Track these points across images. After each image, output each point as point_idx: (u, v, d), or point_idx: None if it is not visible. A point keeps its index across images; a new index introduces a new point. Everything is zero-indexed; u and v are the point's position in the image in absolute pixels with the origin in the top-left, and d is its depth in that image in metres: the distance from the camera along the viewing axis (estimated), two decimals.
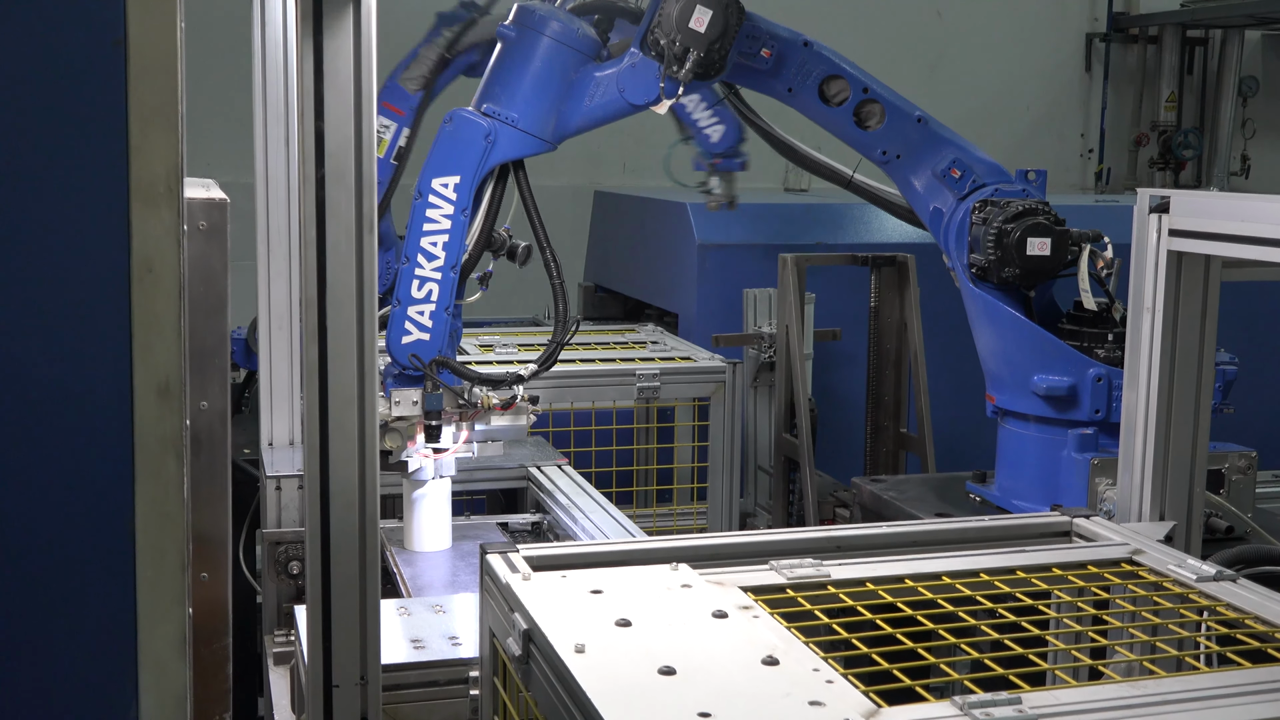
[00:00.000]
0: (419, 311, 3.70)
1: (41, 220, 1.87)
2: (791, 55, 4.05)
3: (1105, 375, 3.83)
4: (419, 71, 5.93)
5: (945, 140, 4.12)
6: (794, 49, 4.05)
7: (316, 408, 2.36)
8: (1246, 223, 2.57)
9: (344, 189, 2.31)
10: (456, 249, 3.73)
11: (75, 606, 1.96)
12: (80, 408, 1.93)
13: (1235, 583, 2.40)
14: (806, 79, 4.07)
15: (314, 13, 2.26)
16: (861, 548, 2.56)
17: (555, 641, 1.98)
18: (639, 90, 3.87)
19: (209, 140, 7.64)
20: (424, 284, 3.70)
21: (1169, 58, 11.47)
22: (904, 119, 4.11)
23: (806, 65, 4.06)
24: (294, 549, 3.79)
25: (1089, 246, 3.91)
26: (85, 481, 1.95)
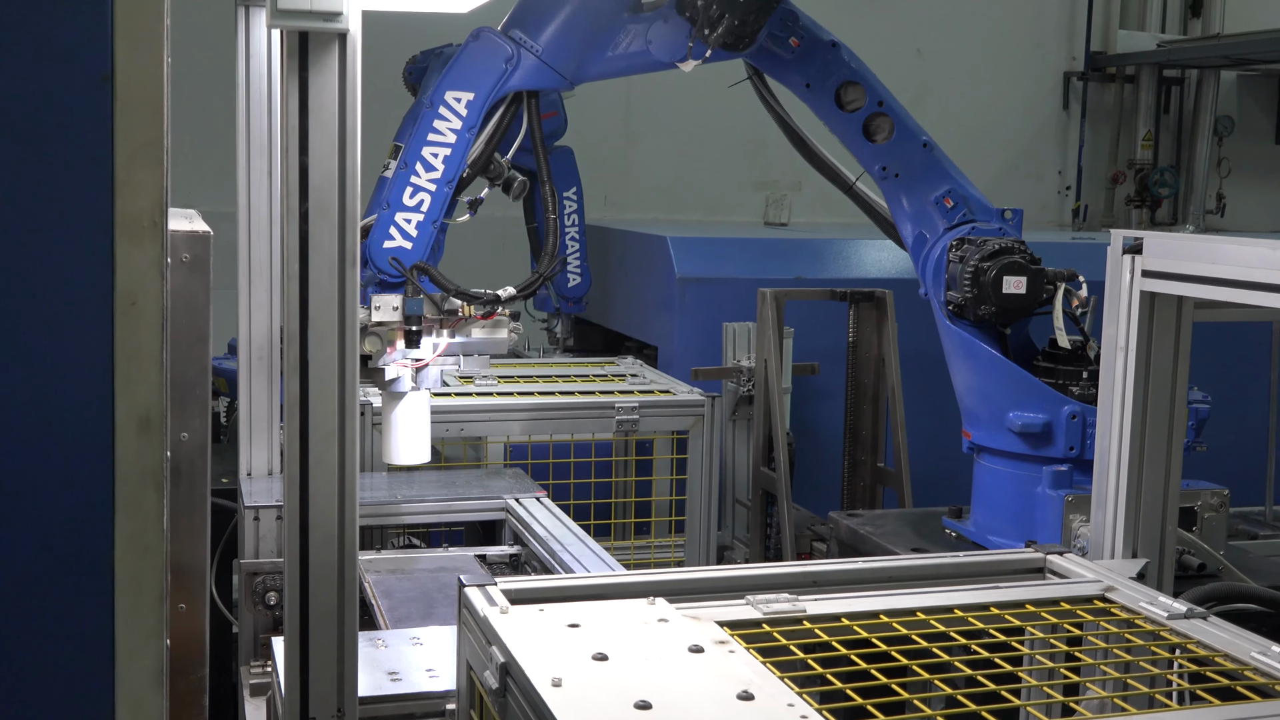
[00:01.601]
0: (406, 219, 3.68)
1: (27, 253, 1.89)
2: (818, 52, 4.06)
3: (1080, 413, 3.86)
4: None
5: (945, 171, 4.16)
6: (821, 47, 4.06)
7: (297, 440, 2.37)
8: (1218, 265, 2.61)
9: (327, 224, 2.33)
10: (456, 165, 3.71)
11: (53, 637, 1.96)
12: (61, 440, 1.94)
13: (1206, 620, 2.43)
14: (827, 79, 4.09)
15: (300, 49, 2.29)
16: (837, 583, 2.58)
17: (532, 675, 1.99)
18: (666, 47, 3.87)
19: (190, 169, 7.66)
20: (417, 193, 3.69)
21: (1145, 97, 11.57)
22: (911, 140, 4.15)
23: (830, 66, 4.08)
24: (271, 579, 3.78)
25: (1064, 285, 3.95)
26: (65, 513, 1.95)
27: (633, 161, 10.02)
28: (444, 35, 6.54)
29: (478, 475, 4.57)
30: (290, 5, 2.20)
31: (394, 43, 6.67)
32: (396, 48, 6.71)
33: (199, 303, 2.66)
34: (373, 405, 4.53)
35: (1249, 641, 2.32)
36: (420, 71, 6.30)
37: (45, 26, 1.86)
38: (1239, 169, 11.94)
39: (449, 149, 3.72)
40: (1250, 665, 2.23)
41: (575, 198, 6.70)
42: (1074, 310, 3.94)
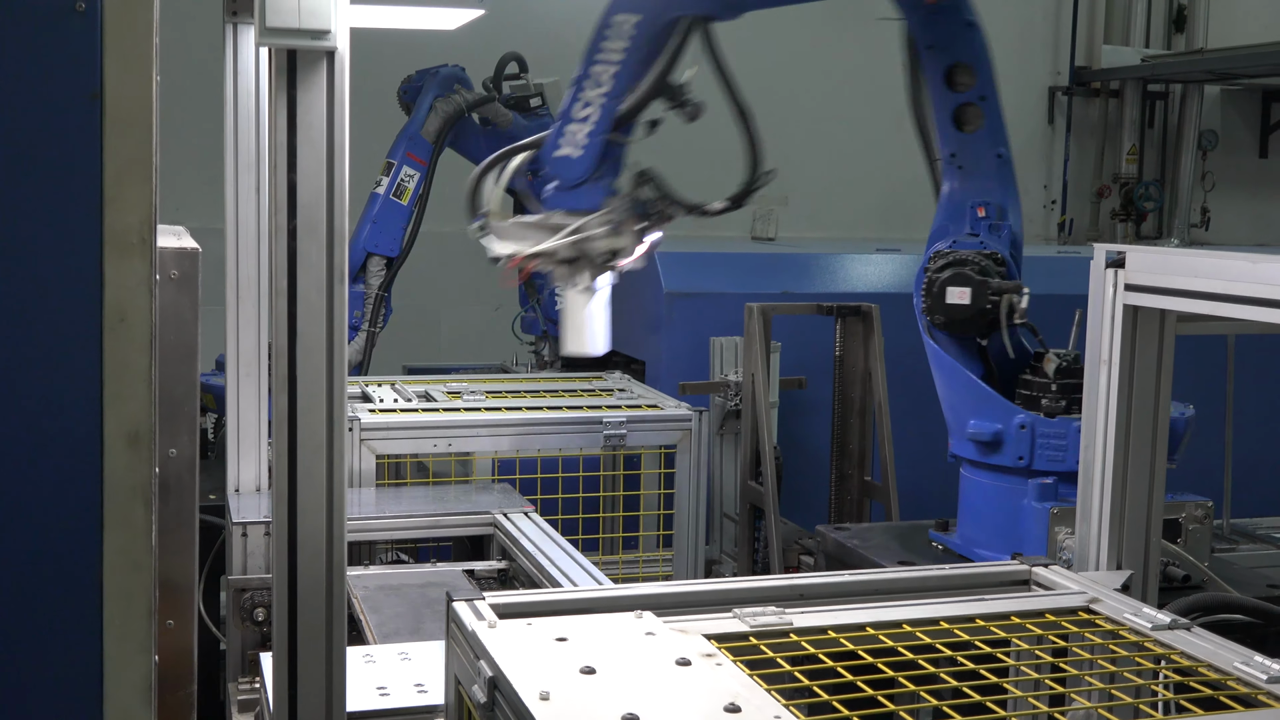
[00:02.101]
0: (574, 130, 3.79)
1: (16, 269, 1.90)
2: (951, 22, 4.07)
3: (1029, 423, 3.90)
4: (435, 126, 6.22)
5: (1003, 186, 4.15)
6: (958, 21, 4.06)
7: (285, 456, 2.38)
8: (1200, 278, 2.63)
9: (315, 240, 2.34)
10: (623, 84, 3.74)
11: (42, 652, 1.97)
12: (51, 455, 1.95)
13: (1190, 631, 2.44)
14: (948, 49, 4.09)
15: (288, 67, 2.30)
16: (824, 596, 2.59)
17: (520, 689, 2.00)
18: None
19: (179, 186, 7.66)
20: (586, 105, 3.77)
21: (1130, 111, 11.64)
22: (991, 143, 4.13)
23: (957, 40, 4.08)
24: (259, 595, 3.78)
25: (1007, 297, 3.97)
26: (55, 528, 1.96)
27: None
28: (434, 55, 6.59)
29: (465, 490, 4.57)
30: (278, 24, 2.21)
31: (382, 60, 6.71)
32: (384, 65, 6.75)
33: (187, 319, 2.67)
34: (360, 421, 4.54)
35: (1232, 652, 2.33)
36: (415, 91, 6.36)
37: (35, 44, 1.88)
38: (1223, 182, 12.01)
39: (616, 67, 3.75)
40: (1234, 675, 2.24)
41: None
42: (1014, 322, 3.98)
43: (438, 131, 6.25)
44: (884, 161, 10.49)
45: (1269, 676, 2.20)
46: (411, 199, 6.19)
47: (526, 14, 8.77)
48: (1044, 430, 3.88)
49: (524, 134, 6.47)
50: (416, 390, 5.29)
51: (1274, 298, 2.47)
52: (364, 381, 5.43)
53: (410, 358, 7.61)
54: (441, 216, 9.69)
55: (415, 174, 6.19)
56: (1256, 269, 2.51)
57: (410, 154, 6.18)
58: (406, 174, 6.17)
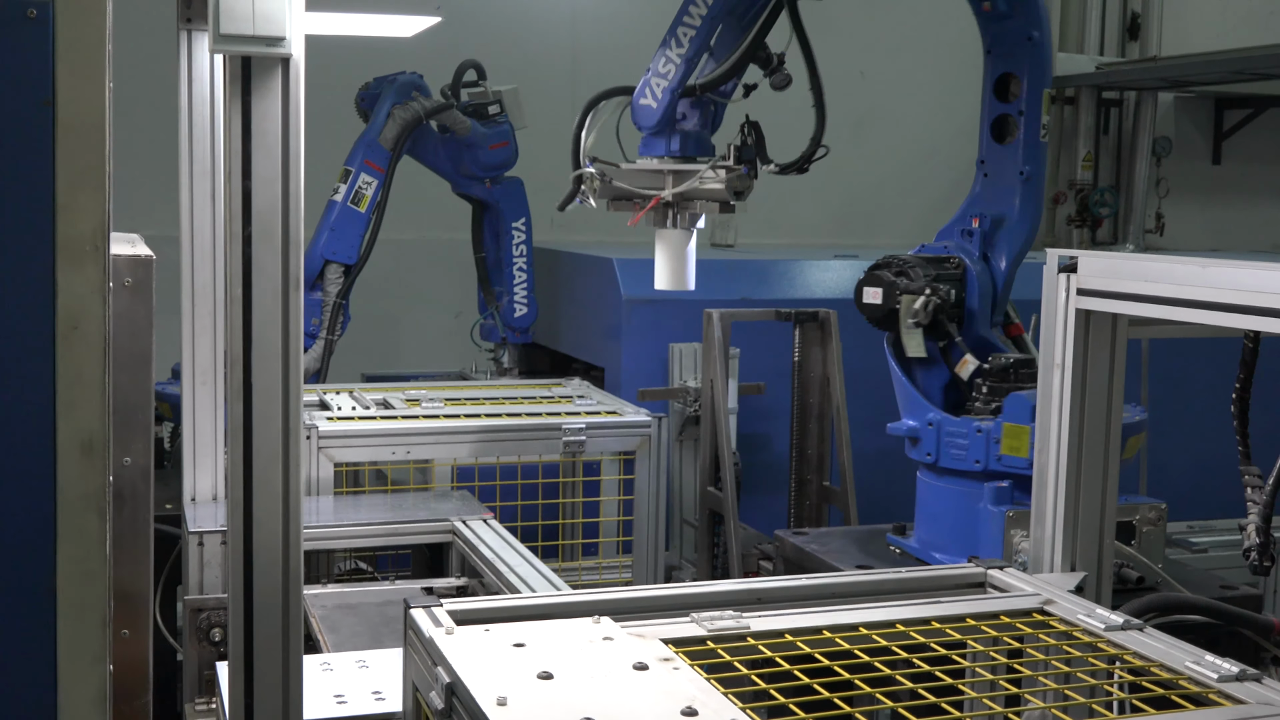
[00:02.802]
0: (656, 83, 4.29)
1: None
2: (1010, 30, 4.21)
3: (937, 421, 4.02)
4: (393, 133, 6.20)
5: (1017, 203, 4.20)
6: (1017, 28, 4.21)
7: (241, 465, 2.37)
8: (1150, 283, 2.66)
9: (270, 247, 2.33)
10: (698, 44, 4.20)
11: None
12: (2, 464, 1.94)
13: (1142, 631, 2.47)
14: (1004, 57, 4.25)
15: (242, 74, 2.29)
16: (781, 600, 2.60)
17: (478, 695, 2.00)
18: None
19: (135, 193, 7.61)
20: (668, 63, 4.25)
21: (1085, 118, 11.73)
22: (1017, 160, 4.21)
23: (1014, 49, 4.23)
24: (216, 615, 3.75)
25: (906, 298, 4.06)
26: (7, 538, 1.95)
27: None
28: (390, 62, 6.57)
29: (424, 498, 4.56)
30: (232, 30, 2.21)
31: (338, 68, 6.69)
32: (341, 72, 6.73)
33: (141, 327, 2.66)
34: (318, 429, 4.52)
35: (1183, 652, 2.36)
36: (373, 98, 6.36)
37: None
38: (1177, 189, 12.12)
39: (694, 30, 4.21)
40: (1185, 675, 2.27)
41: (524, 229, 6.76)
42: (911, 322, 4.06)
43: (396, 139, 6.24)
44: (842, 168, 10.54)
45: (1219, 675, 2.23)
46: (369, 206, 6.19)
47: (482, 21, 8.76)
48: (949, 429, 4.00)
49: (483, 142, 6.51)
50: (375, 398, 5.28)
51: (1223, 301, 2.50)
52: (322, 389, 5.41)
53: (369, 365, 7.58)
54: (401, 224, 9.68)
55: (373, 181, 6.18)
56: (1206, 273, 2.54)
57: (368, 161, 6.17)
58: (364, 181, 6.16)
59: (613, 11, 10.13)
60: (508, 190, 6.75)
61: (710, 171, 4.34)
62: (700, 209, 4.45)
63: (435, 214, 9.74)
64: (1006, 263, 4.18)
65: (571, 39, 9.98)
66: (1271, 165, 12.43)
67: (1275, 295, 2.38)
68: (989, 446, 3.87)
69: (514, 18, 9.66)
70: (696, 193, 4.41)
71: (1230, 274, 2.49)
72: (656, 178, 4.45)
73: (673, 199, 4.42)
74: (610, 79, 4.56)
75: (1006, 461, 3.85)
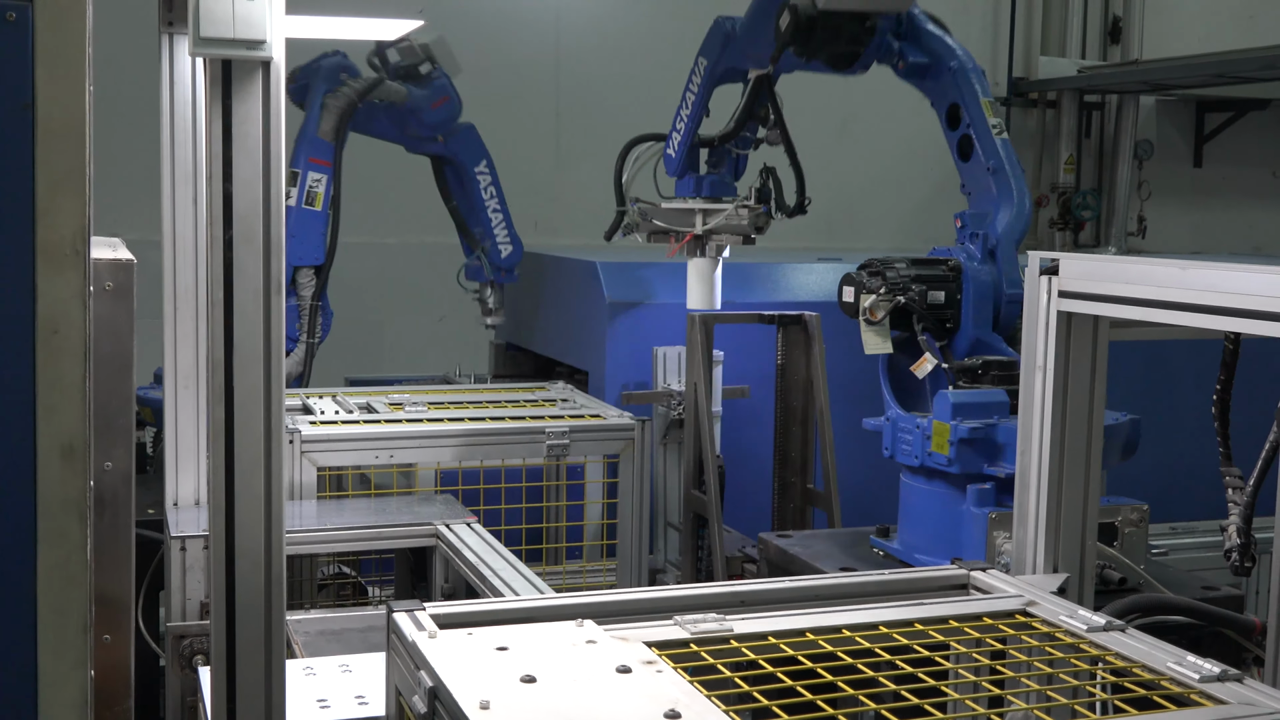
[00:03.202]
0: (674, 138, 5.43)
1: None
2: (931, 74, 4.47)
3: (893, 418, 4.12)
4: (330, 124, 6.07)
5: (992, 196, 4.27)
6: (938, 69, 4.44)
7: (223, 469, 2.37)
8: (1131, 285, 2.67)
9: (252, 251, 2.33)
10: (698, 106, 5.33)
11: None
12: None
13: (1124, 632, 2.48)
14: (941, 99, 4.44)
15: (223, 77, 2.29)
16: (764, 602, 2.61)
17: (460, 699, 2.00)
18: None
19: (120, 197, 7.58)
20: (680, 121, 5.39)
21: (1067, 121, 11.77)
22: (981, 161, 4.30)
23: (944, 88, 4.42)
24: (199, 643, 3.72)
25: (864, 297, 4.12)
26: None
27: (563, 187, 10.05)
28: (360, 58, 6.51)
29: (408, 502, 4.56)
30: (213, 34, 2.20)
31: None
32: None
33: (122, 331, 2.65)
34: (301, 433, 4.51)
35: (1165, 652, 2.37)
36: (302, 90, 6.16)
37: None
38: (1159, 191, 12.17)
39: (695, 94, 5.33)
40: (1167, 675, 2.28)
41: (488, 171, 6.61)
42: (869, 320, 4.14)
43: (334, 130, 6.06)
44: (826, 172, 10.56)
45: (1201, 676, 2.24)
46: (325, 203, 6.05)
47: (465, 23, 8.76)
48: (900, 425, 4.08)
49: (424, 103, 6.37)
50: (358, 402, 5.27)
51: (1203, 303, 2.51)
52: (305, 393, 5.40)
53: (352, 369, 7.57)
54: (384, 227, 9.68)
55: (322, 177, 6.04)
56: (1186, 275, 2.55)
57: (312, 159, 6.02)
58: (313, 180, 6.03)
59: (596, 14, 10.14)
60: (462, 140, 6.57)
61: (734, 210, 5.31)
62: (726, 241, 5.42)
63: (418, 218, 9.75)
64: (1001, 247, 4.22)
65: (555, 41, 9.99)
66: (1252, 168, 12.49)
67: (1255, 297, 2.39)
68: (923, 443, 3.99)
69: (497, 20, 9.66)
70: (723, 228, 5.35)
71: (1210, 276, 2.50)
72: (688, 215, 5.40)
73: (703, 233, 5.36)
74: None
75: (934, 458, 3.94)
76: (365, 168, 9.58)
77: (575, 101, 10.10)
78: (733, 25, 5.13)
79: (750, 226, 5.35)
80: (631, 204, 5.52)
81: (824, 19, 4.33)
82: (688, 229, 5.39)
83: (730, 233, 5.38)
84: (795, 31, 4.35)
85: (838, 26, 4.36)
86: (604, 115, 10.06)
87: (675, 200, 5.51)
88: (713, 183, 5.46)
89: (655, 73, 10.50)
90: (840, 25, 4.35)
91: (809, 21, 4.33)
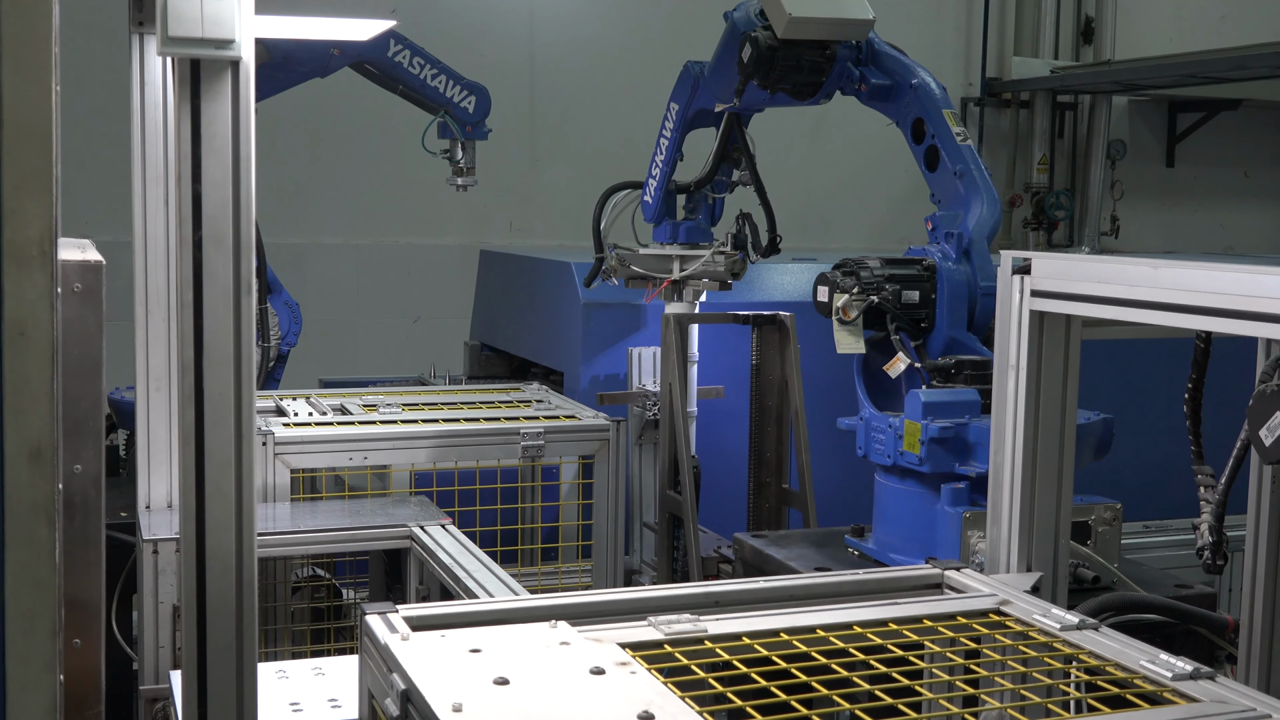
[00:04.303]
0: (650, 184, 5.57)
1: None
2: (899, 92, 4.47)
3: (867, 417, 4.13)
4: None
5: (960, 198, 4.27)
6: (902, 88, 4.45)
7: (193, 472, 2.35)
8: (1103, 284, 2.68)
9: (222, 252, 2.31)
10: (670, 152, 5.47)
11: None
12: None
13: (1098, 631, 2.48)
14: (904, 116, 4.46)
15: (192, 77, 2.27)
16: (738, 603, 2.60)
17: (433, 701, 1.99)
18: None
19: (90, 199, 7.55)
20: (655, 168, 5.52)
21: (1040, 122, 11.82)
22: (949, 170, 4.31)
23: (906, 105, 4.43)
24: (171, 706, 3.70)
25: (837, 296, 4.12)
26: None
27: (538, 188, 10.04)
28: None
29: (382, 504, 4.54)
30: (181, 33, 2.19)
31: None
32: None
33: (91, 333, 2.63)
34: (274, 435, 4.49)
35: (1139, 651, 2.37)
36: None
37: None
38: (1132, 191, 12.23)
39: (668, 140, 5.47)
40: (1140, 674, 2.28)
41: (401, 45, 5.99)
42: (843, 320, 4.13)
43: None
44: (800, 173, 10.59)
45: (1174, 674, 2.24)
46: None
47: (439, 24, 8.75)
48: (873, 425, 4.08)
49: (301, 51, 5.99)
50: (332, 403, 5.25)
51: (1175, 302, 2.52)
52: (278, 395, 5.37)
53: (326, 371, 7.54)
54: (356, 229, 9.66)
55: None
56: (1158, 274, 2.56)
57: None
58: None
59: (571, 15, 10.13)
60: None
61: (711, 256, 5.40)
62: (704, 287, 5.53)
63: (391, 218, 9.73)
64: (973, 245, 4.21)
65: (529, 42, 9.98)
66: (1224, 168, 12.57)
67: (1226, 296, 2.40)
68: (895, 442, 3.99)
69: (471, 20, 9.64)
70: (700, 273, 5.44)
71: (1182, 275, 2.51)
72: (666, 261, 5.48)
73: (680, 279, 5.45)
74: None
75: (906, 457, 3.95)
76: (337, 169, 9.58)
77: (549, 103, 10.10)
78: (701, 68, 5.24)
79: (727, 273, 5.44)
80: (610, 250, 5.58)
81: (785, 48, 4.37)
82: (665, 275, 5.46)
83: (707, 278, 5.46)
84: (757, 64, 4.39)
85: (798, 56, 4.39)
86: (578, 117, 10.06)
87: (653, 246, 5.59)
88: (689, 229, 5.55)
89: (629, 75, 10.52)
90: (800, 55, 4.39)
91: (770, 52, 4.36)
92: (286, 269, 6.99)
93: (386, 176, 9.58)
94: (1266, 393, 2.57)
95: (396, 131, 9.16)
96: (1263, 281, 2.34)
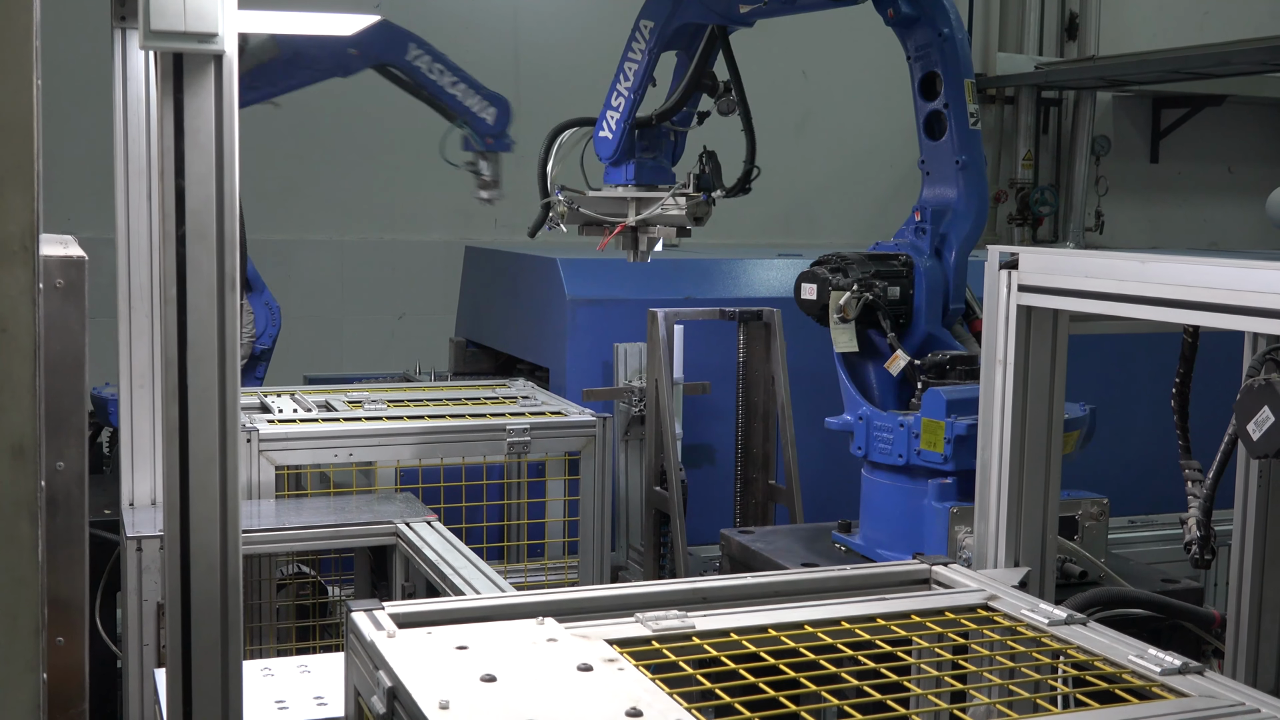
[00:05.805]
0: (610, 117, 4.71)
1: None
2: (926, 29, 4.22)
3: (867, 416, 4.08)
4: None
5: (959, 191, 4.20)
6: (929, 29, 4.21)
7: (177, 468, 2.34)
8: (1090, 278, 2.68)
9: (205, 247, 2.30)
10: (641, 76, 4.65)
11: None
12: None
13: (1086, 625, 2.48)
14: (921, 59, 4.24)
15: (174, 71, 2.26)
16: (726, 599, 2.59)
17: (419, 698, 1.98)
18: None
19: (74, 194, 7.51)
20: (618, 97, 4.69)
21: (1025, 118, 11.84)
22: (952, 153, 4.19)
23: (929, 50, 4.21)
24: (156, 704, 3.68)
25: (834, 294, 4.10)
26: None
27: (522, 184, 9.99)
28: None
29: (368, 500, 4.52)
30: (163, 26, 2.17)
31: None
32: None
33: (74, 329, 2.61)
34: (259, 431, 4.47)
35: (1127, 645, 2.37)
36: None
37: None
38: (1116, 187, 12.26)
39: (637, 65, 4.67)
40: (1128, 668, 2.28)
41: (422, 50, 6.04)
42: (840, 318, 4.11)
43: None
44: (786, 168, 10.58)
45: (1162, 669, 2.24)
46: None
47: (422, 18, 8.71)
48: (876, 424, 4.04)
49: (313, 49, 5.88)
50: (317, 400, 5.23)
51: (1162, 296, 2.52)
52: (263, 391, 5.35)
53: (311, 367, 7.51)
54: (342, 225, 9.63)
55: None
56: (1145, 269, 2.56)
57: None
58: None
59: (555, 12, 10.11)
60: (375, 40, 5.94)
61: (671, 199, 4.67)
62: (660, 233, 4.80)
63: (376, 214, 9.71)
64: (956, 254, 4.19)
65: (513, 38, 9.96)
66: (1208, 163, 12.61)
67: (1214, 290, 2.40)
68: (909, 441, 3.92)
69: (455, 15, 9.61)
70: (658, 218, 4.73)
71: (1169, 269, 2.50)
72: (621, 204, 4.78)
73: (636, 224, 4.78)
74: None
75: (925, 456, 3.89)
76: (323, 165, 9.55)
77: (534, 98, 10.06)
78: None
79: (688, 217, 4.70)
80: (556, 193, 4.91)
81: None
82: (620, 219, 4.79)
83: (667, 224, 4.77)
84: None
85: None
86: (563, 112, 10.03)
87: (606, 189, 4.89)
88: (652, 168, 4.83)
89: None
90: None
91: None
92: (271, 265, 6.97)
93: (372, 173, 9.55)
94: (1254, 387, 2.57)
95: (383, 128, 9.16)
96: (1250, 276, 2.33)
